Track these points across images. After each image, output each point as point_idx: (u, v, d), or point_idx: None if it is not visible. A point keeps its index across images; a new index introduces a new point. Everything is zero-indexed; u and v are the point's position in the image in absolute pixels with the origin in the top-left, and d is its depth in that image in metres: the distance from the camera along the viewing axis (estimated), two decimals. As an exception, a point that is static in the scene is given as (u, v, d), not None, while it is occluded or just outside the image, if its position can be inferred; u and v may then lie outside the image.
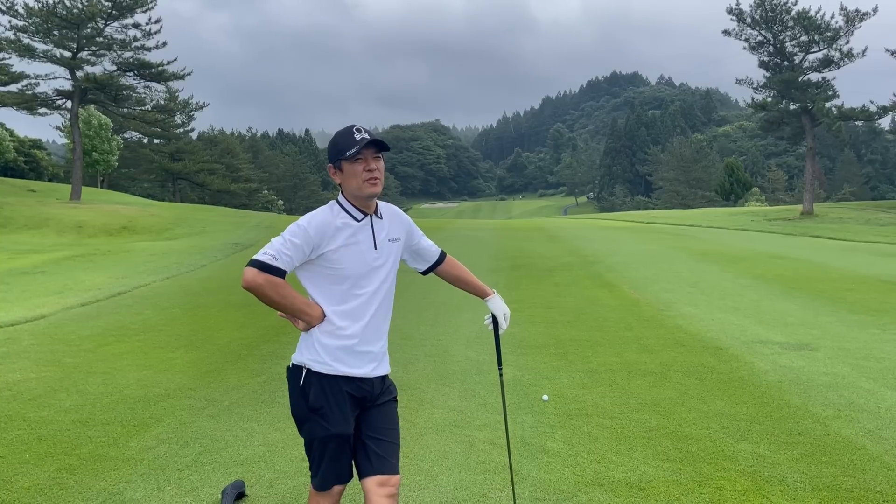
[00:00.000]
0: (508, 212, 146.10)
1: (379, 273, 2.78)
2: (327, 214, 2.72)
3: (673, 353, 7.22)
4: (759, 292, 11.41)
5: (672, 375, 6.35)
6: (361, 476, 2.71)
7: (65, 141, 55.24)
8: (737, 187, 79.66)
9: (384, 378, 2.85)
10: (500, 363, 3.46)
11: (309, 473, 2.81)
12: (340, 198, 2.79)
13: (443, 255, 3.18)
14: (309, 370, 2.69)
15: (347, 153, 2.64)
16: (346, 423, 2.68)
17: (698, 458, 4.36)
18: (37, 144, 64.95)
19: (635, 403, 5.52)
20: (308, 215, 2.71)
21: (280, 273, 2.56)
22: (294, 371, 2.75)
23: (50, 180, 59.51)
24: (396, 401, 2.91)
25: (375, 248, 2.76)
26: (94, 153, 50.51)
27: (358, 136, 2.65)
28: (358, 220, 2.74)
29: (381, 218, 2.85)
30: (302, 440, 2.78)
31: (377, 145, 2.68)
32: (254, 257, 2.59)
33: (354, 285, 2.70)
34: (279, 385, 6.19)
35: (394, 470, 2.71)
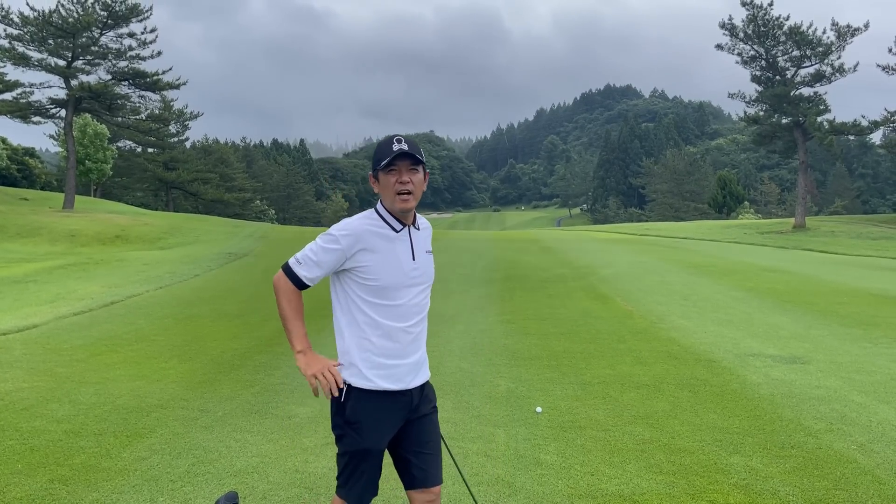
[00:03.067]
0: (502, 223, 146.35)
1: (416, 285, 2.72)
2: (363, 222, 2.65)
3: (666, 366, 7.24)
4: (751, 305, 11.45)
5: (665, 388, 6.37)
6: (406, 487, 2.77)
7: (58, 149, 55.15)
8: (729, 200, 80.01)
9: (423, 386, 2.81)
10: None
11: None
12: (379, 206, 2.71)
13: None
14: (349, 385, 2.66)
15: (382, 163, 2.58)
16: (381, 438, 2.66)
17: (691, 471, 4.37)
18: (30, 153, 64.78)
19: (628, 416, 5.54)
20: (343, 222, 2.65)
21: (298, 278, 2.59)
22: None
23: (43, 189, 59.31)
24: (436, 408, 2.89)
25: (414, 260, 2.70)
26: (87, 162, 50.45)
27: (395, 147, 2.57)
28: (396, 231, 2.68)
29: (419, 230, 2.79)
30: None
31: (411, 157, 2.59)
32: (285, 262, 2.65)
33: (390, 297, 2.64)
34: (273, 396, 6.18)
35: (435, 481, 2.76)
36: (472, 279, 15.65)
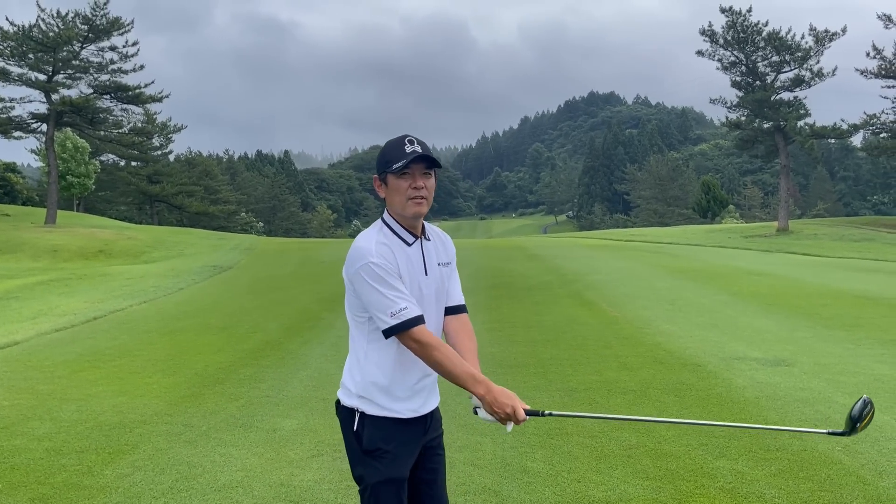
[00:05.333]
0: (489, 231, 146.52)
1: (428, 301, 2.50)
2: (379, 236, 2.43)
3: (652, 371, 7.26)
4: (736, 309, 11.52)
5: (651, 393, 6.38)
6: None
7: (40, 164, 54.60)
8: (713, 205, 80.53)
9: (434, 411, 2.62)
10: None
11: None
12: (387, 217, 2.50)
13: (461, 308, 2.73)
14: (363, 413, 2.46)
15: (394, 166, 2.36)
16: (403, 466, 2.47)
17: (677, 476, 4.37)
18: (11, 168, 64.05)
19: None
20: (364, 245, 2.38)
21: (411, 321, 2.31)
22: (347, 414, 2.52)
23: (24, 204, 58.66)
24: (442, 433, 2.73)
25: (426, 275, 2.50)
26: (69, 176, 50.00)
27: (408, 149, 2.36)
28: (409, 244, 2.47)
29: (429, 240, 2.57)
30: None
31: (427, 161, 2.39)
32: (383, 329, 2.35)
33: None
34: (257, 409, 6.13)
35: None
36: (459, 288, 15.61)
